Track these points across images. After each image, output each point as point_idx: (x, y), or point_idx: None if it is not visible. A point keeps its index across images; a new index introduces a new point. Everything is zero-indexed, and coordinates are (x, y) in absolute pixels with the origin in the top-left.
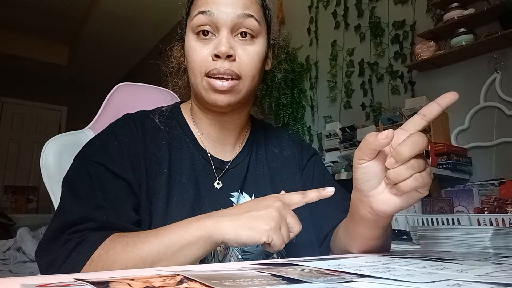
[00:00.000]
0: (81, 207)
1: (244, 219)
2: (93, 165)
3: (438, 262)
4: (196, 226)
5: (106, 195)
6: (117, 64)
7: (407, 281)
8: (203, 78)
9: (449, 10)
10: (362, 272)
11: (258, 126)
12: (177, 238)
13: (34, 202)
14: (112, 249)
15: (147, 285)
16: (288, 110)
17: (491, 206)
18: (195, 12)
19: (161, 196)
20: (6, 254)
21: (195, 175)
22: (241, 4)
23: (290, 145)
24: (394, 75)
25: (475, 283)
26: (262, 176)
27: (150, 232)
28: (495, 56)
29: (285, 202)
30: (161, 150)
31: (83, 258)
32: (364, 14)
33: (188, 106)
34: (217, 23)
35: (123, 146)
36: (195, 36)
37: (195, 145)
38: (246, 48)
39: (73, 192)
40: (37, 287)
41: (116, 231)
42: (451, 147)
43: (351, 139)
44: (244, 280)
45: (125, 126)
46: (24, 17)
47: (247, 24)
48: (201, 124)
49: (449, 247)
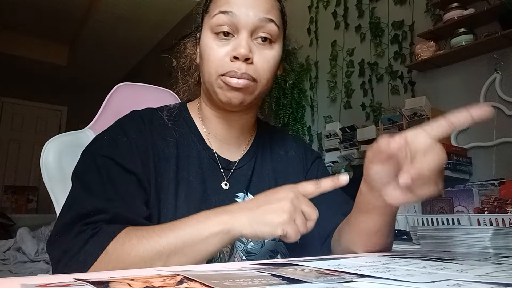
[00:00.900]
0: (93, 199)
1: (259, 213)
2: (102, 159)
3: (438, 262)
4: (214, 221)
5: (116, 189)
6: (117, 64)
7: (407, 281)
8: (218, 77)
9: (449, 10)
10: (362, 272)
11: (264, 128)
12: (195, 233)
13: (34, 202)
14: (128, 241)
15: (147, 285)
16: (288, 110)
17: (491, 206)
18: (215, 11)
19: (170, 192)
20: (6, 254)
21: (202, 173)
22: (262, 8)
23: (294, 147)
24: (394, 75)
25: (475, 283)
26: (267, 177)
27: (166, 225)
28: (495, 56)
29: (299, 192)
30: (169, 147)
31: (98, 250)
32: (364, 14)
33: (195, 105)
34: (238, 25)
35: (132, 141)
36: (213, 35)
37: (202, 144)
38: (264, 52)
39: (83, 185)
40: (37, 287)
41: (129, 224)
42: (451, 147)
43: (351, 139)
44: (244, 280)
45: (133, 122)
46: (24, 17)
47: (268, 28)
48: (208, 123)
49: (449, 247)
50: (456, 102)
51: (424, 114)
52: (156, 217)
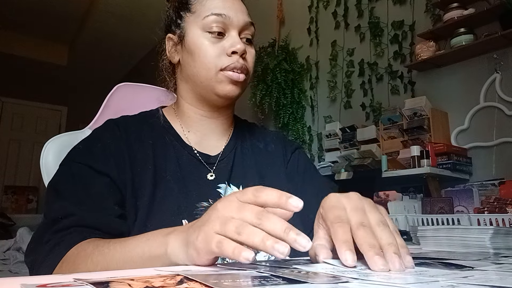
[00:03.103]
0: (64, 203)
1: (191, 242)
2: (76, 165)
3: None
4: (159, 242)
5: (88, 191)
6: (117, 64)
7: (403, 283)
8: (218, 72)
9: (449, 10)
10: (353, 276)
11: (242, 123)
12: (140, 252)
13: (34, 202)
14: (83, 250)
15: (147, 285)
16: (288, 110)
17: (491, 206)
18: (207, 12)
19: (146, 192)
20: (6, 254)
21: (181, 171)
22: (246, 13)
23: (274, 140)
24: (394, 75)
25: (469, 284)
26: (249, 168)
27: (121, 240)
28: (495, 56)
29: (238, 203)
30: (145, 149)
31: (57, 259)
32: (364, 14)
33: (171, 108)
34: (230, 25)
35: (106, 146)
36: (206, 34)
37: (179, 143)
38: (249, 50)
39: (56, 192)
40: (37, 287)
41: (98, 224)
42: (451, 147)
43: (351, 139)
44: (244, 280)
45: (107, 129)
46: (24, 17)
47: (251, 30)
48: (189, 121)
49: (449, 247)
50: (456, 102)
51: (424, 114)
52: (133, 215)
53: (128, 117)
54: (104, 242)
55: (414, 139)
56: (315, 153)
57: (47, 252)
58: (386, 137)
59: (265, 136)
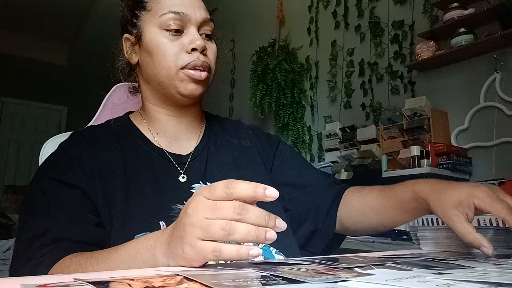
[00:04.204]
0: (39, 221)
1: (178, 256)
2: (46, 181)
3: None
4: (145, 257)
5: (61, 205)
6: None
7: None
8: (178, 71)
9: (449, 10)
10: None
11: (213, 119)
12: (124, 267)
13: None
14: (66, 268)
15: (147, 285)
16: (288, 110)
17: None
18: (164, 10)
19: (118, 198)
20: (6, 254)
21: (153, 174)
22: (204, 9)
23: (249, 135)
24: (394, 75)
25: (466, 282)
26: (226, 164)
27: (103, 255)
28: (495, 56)
29: (211, 203)
30: (114, 156)
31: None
32: (364, 14)
33: (138, 113)
34: (188, 22)
35: (73, 157)
36: (164, 32)
37: (149, 145)
38: (210, 45)
39: (29, 211)
40: (37, 287)
41: (76, 236)
42: (451, 147)
43: (351, 139)
44: (244, 280)
45: (73, 141)
46: (24, 17)
47: (210, 26)
48: (157, 123)
49: (449, 247)
50: (456, 102)
51: (424, 114)
52: (109, 222)
53: (94, 126)
54: (86, 258)
55: (414, 139)
56: (315, 153)
57: (30, 273)
58: (386, 137)
59: (239, 131)
